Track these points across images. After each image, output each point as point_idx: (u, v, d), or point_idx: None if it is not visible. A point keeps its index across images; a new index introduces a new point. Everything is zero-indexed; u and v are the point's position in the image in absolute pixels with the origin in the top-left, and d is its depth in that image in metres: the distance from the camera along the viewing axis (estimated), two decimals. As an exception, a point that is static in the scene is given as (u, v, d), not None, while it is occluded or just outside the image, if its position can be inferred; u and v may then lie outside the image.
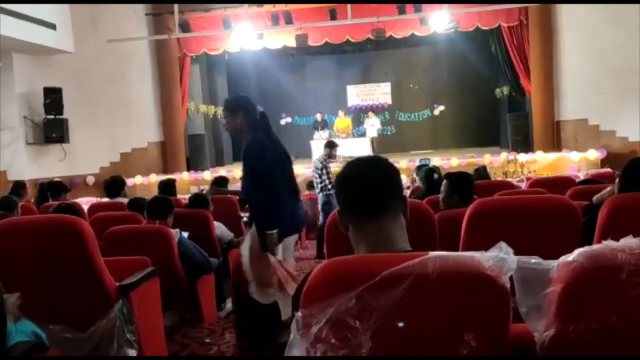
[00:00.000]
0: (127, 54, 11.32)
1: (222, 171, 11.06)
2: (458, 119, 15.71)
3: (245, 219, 4.84)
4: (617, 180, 2.48)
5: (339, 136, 13.10)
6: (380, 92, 16.24)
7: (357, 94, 16.30)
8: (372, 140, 12.84)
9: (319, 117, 13.61)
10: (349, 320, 1.01)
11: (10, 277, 1.97)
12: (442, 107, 15.85)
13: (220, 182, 6.41)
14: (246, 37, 11.60)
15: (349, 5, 10.67)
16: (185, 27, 11.48)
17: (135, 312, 2.49)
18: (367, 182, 1.33)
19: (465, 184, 3.01)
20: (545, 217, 2.09)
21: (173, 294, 3.35)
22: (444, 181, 3.09)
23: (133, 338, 2.44)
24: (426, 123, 16.07)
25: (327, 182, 7.04)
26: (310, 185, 9.91)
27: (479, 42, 13.83)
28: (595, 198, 2.75)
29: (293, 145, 15.28)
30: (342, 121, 13.47)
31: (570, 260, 1.07)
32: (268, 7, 11.70)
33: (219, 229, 4.41)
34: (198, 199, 4.47)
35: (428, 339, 1.04)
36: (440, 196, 3.06)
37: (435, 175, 4.20)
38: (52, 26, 9.31)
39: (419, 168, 5.68)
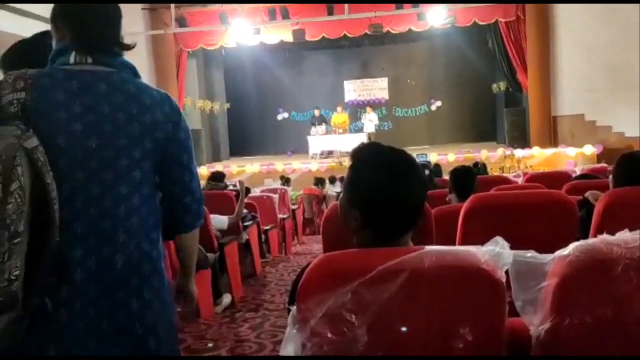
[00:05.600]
0: (124, 49, 11.23)
1: (219, 166, 11.04)
2: (455, 115, 15.71)
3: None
4: (610, 176, 2.48)
5: (336, 132, 13.11)
6: (378, 88, 16.22)
7: (354, 90, 16.28)
8: (370, 135, 12.84)
9: (316, 112, 13.60)
10: (345, 314, 1.01)
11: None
12: (439, 103, 15.85)
13: (217, 178, 6.40)
14: (243, 32, 11.57)
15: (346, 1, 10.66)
16: (182, 22, 11.44)
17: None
18: (409, 206, 1.14)
19: (468, 179, 3.09)
20: (542, 212, 2.09)
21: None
22: (450, 176, 3.19)
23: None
24: (423, 119, 16.07)
25: None
26: (318, 182, 9.78)
27: (476, 37, 13.82)
28: (588, 194, 2.74)
29: (290, 140, 15.32)
30: (340, 117, 13.46)
31: (566, 255, 1.07)
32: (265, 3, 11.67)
33: (215, 220, 4.40)
34: None
35: (424, 334, 1.05)
36: (448, 190, 3.14)
37: (427, 172, 4.35)
38: (48, 21, 9.23)
39: None
